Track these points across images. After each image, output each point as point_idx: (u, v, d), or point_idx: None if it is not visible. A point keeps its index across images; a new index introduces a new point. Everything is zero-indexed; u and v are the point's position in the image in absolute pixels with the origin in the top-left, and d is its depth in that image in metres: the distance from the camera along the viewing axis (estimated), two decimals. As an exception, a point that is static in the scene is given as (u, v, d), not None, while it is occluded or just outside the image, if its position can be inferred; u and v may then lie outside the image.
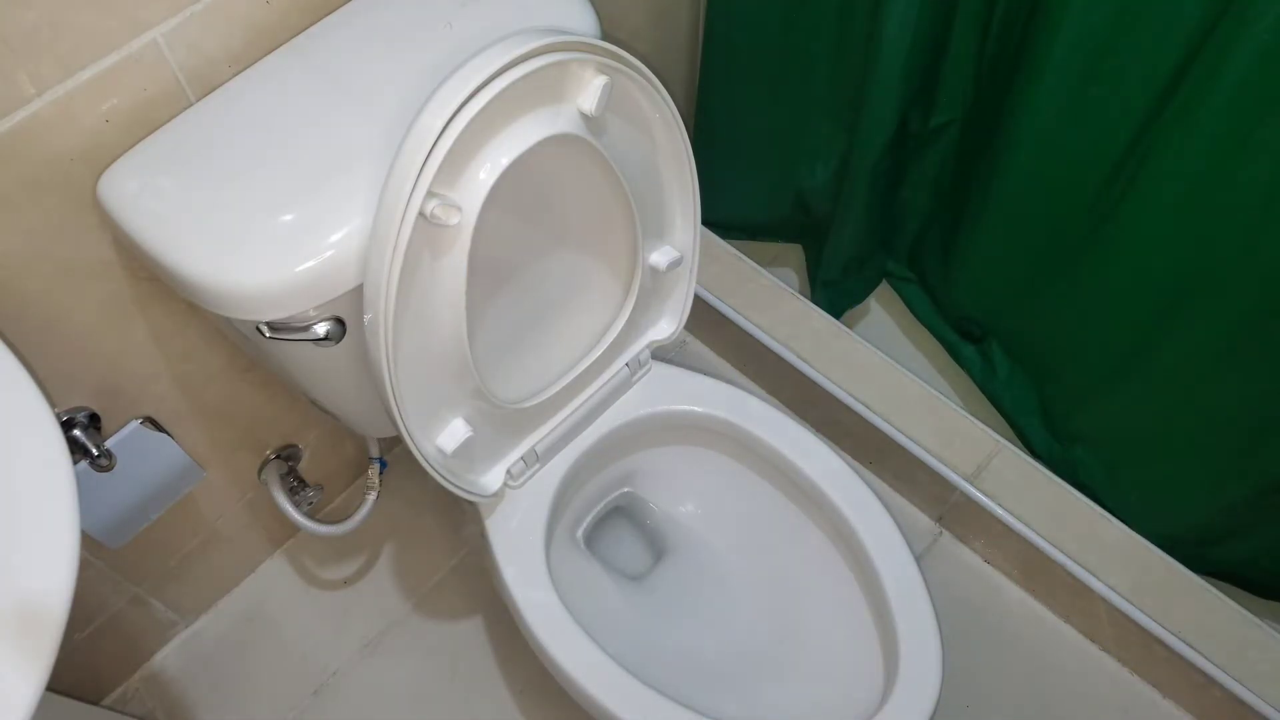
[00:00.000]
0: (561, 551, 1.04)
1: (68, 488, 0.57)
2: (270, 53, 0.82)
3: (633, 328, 0.99)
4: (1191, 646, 1.10)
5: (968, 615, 1.26)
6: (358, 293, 0.73)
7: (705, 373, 1.07)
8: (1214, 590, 1.13)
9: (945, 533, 1.33)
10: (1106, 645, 1.23)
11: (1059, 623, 1.25)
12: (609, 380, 1.02)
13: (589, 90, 0.74)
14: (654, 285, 1.00)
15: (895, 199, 1.32)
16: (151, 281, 0.88)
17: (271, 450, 1.18)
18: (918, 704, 0.86)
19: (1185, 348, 1.05)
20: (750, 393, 1.05)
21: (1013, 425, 1.34)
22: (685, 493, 1.11)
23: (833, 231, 1.33)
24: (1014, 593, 1.28)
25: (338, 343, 0.76)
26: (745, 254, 1.41)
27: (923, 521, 1.34)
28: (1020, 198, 1.13)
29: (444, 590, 1.32)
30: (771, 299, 1.37)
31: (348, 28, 0.83)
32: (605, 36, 0.80)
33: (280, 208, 0.72)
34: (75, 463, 0.89)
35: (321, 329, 0.75)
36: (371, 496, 1.20)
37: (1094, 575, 1.15)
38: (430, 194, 0.67)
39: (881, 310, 1.55)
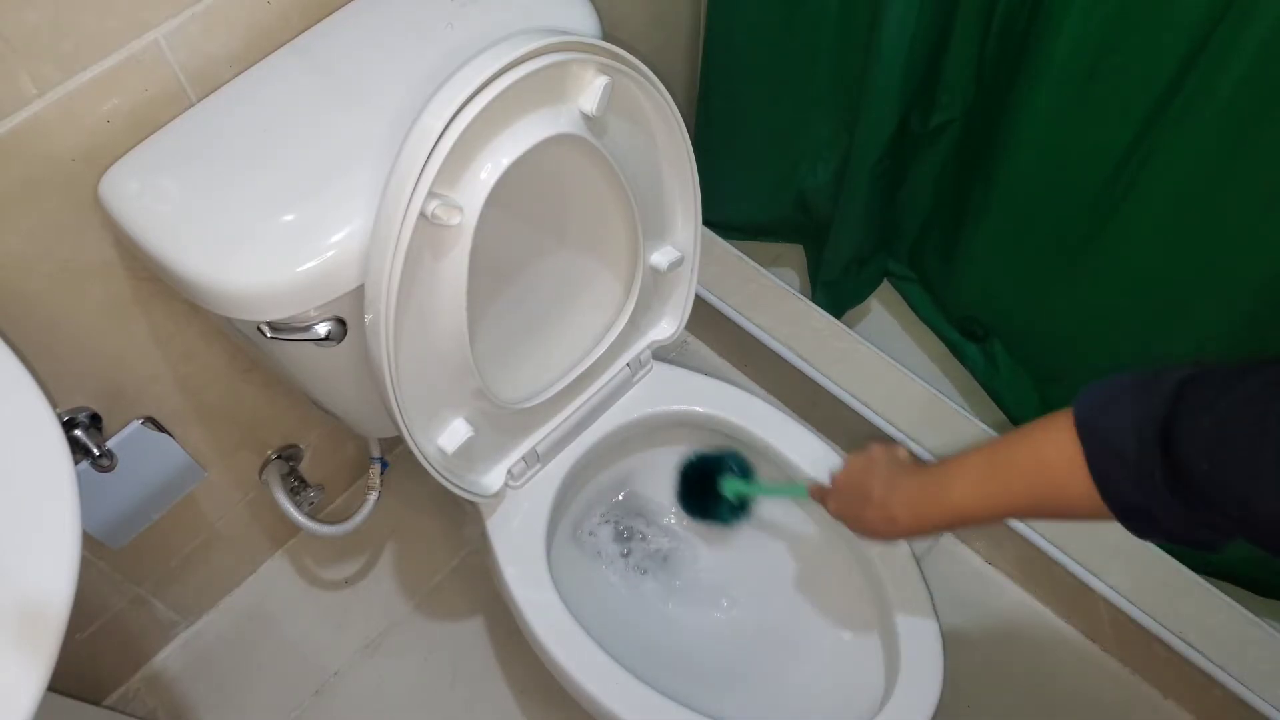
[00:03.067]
0: (563, 552, 1.04)
1: (69, 488, 0.57)
2: (271, 53, 0.82)
3: (634, 328, 0.99)
4: (1192, 646, 1.10)
5: (969, 615, 1.26)
6: (359, 293, 0.73)
7: (706, 373, 1.07)
8: (1215, 590, 1.12)
9: (946, 532, 1.33)
10: (1107, 645, 1.23)
11: (1060, 623, 1.25)
12: (610, 380, 1.02)
13: (590, 90, 0.74)
14: (655, 285, 1.00)
15: (896, 199, 1.32)
16: (153, 282, 0.88)
17: (273, 450, 1.18)
18: (919, 704, 0.86)
19: (1188, 347, 1.05)
20: (751, 393, 1.05)
21: (1015, 424, 1.34)
22: (686, 493, 1.11)
23: (833, 231, 1.33)
24: (1015, 593, 1.28)
25: (339, 343, 0.76)
26: (746, 254, 1.41)
27: (924, 521, 1.34)
28: (1022, 197, 1.13)
29: (445, 590, 1.32)
30: (772, 299, 1.37)
31: (348, 28, 0.83)
32: (606, 37, 0.80)
33: (281, 208, 0.72)
34: (76, 463, 0.89)
35: (323, 329, 0.75)
36: (372, 497, 1.20)
37: (1095, 575, 1.15)
38: (431, 194, 0.67)
39: (883, 310, 1.55)
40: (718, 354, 1.49)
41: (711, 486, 1.00)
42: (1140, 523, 0.57)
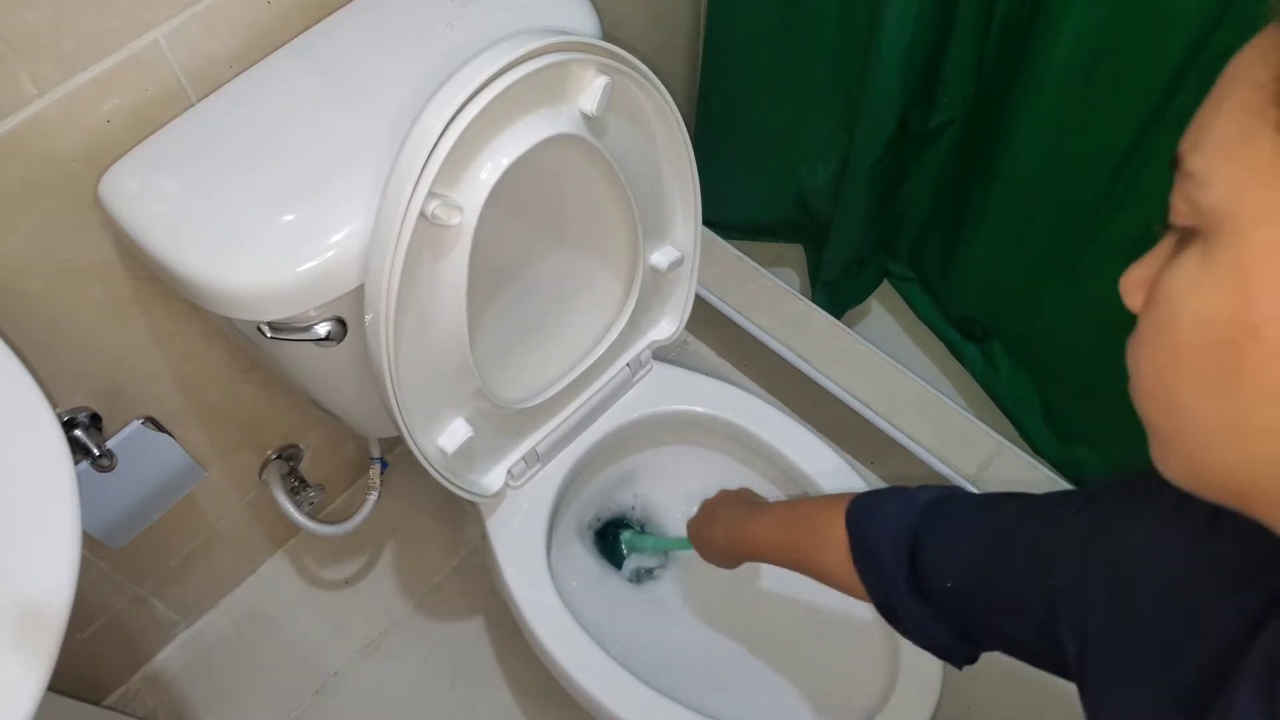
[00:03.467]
0: (563, 552, 1.04)
1: (69, 488, 0.57)
2: (271, 53, 0.82)
3: (634, 328, 0.99)
4: (1193, 646, 1.09)
5: (969, 615, 1.26)
6: (359, 293, 0.73)
7: (706, 373, 1.07)
8: (1215, 590, 1.12)
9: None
10: (1108, 645, 1.22)
11: (1060, 623, 1.25)
12: (610, 380, 1.02)
13: (590, 90, 0.74)
14: (655, 285, 1.00)
15: (896, 199, 1.32)
16: (153, 282, 0.88)
17: (273, 450, 1.18)
18: (919, 704, 0.86)
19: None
20: (751, 393, 1.05)
21: (1015, 424, 1.34)
22: (686, 492, 1.11)
23: (833, 231, 1.33)
24: (1015, 593, 1.28)
25: (339, 343, 0.76)
26: (746, 254, 1.41)
27: (924, 521, 1.34)
28: (1022, 197, 1.13)
29: (445, 590, 1.32)
30: (772, 299, 1.37)
31: (348, 28, 0.83)
32: (606, 37, 0.80)
33: (281, 208, 0.72)
34: (76, 463, 0.89)
35: (323, 329, 0.75)
36: (372, 497, 1.20)
37: (1095, 575, 1.15)
38: (431, 194, 0.67)
39: (883, 310, 1.55)
40: (718, 354, 1.49)
41: (615, 540, 1.09)
42: (891, 620, 0.64)
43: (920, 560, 0.60)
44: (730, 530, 0.84)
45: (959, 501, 0.62)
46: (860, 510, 0.67)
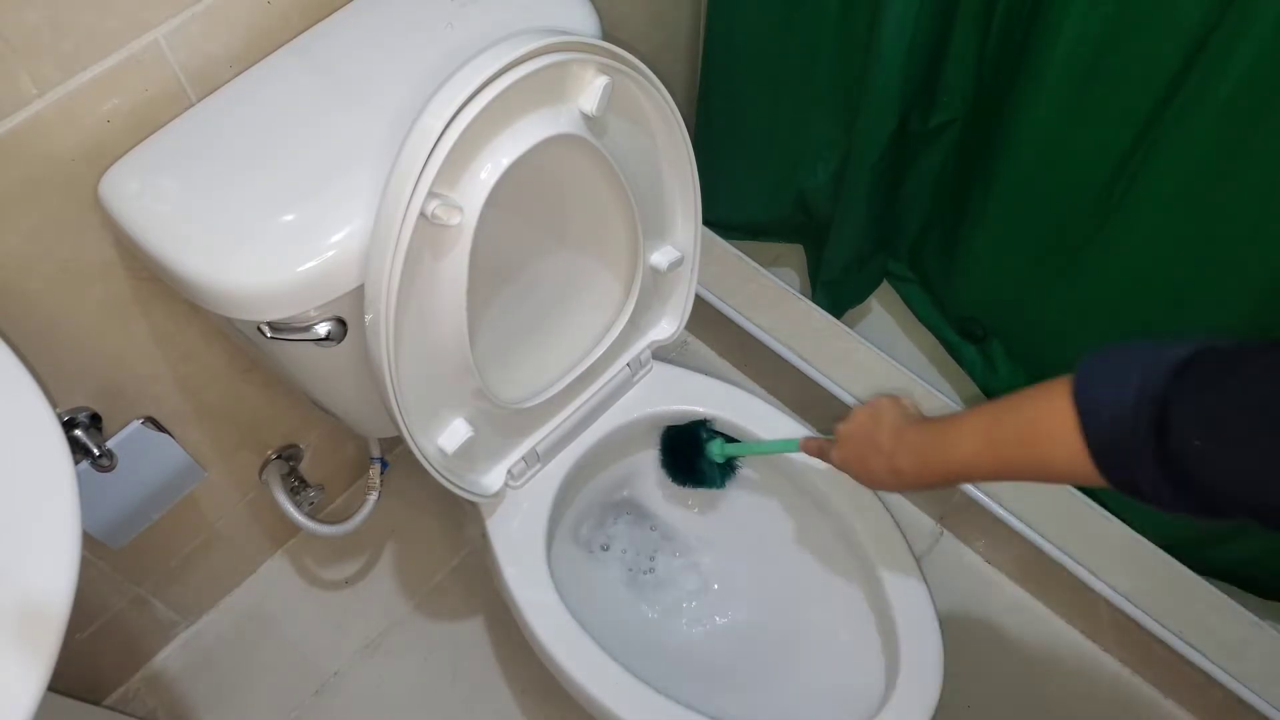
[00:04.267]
0: (563, 552, 1.04)
1: (69, 488, 0.57)
2: (271, 53, 0.82)
3: (634, 328, 0.99)
4: (1192, 646, 1.10)
5: (969, 615, 1.26)
6: (359, 293, 0.73)
7: (706, 373, 1.07)
8: (1215, 590, 1.13)
9: (946, 533, 1.33)
10: (1108, 645, 1.23)
11: (1060, 623, 1.25)
12: (610, 380, 1.02)
13: (590, 90, 0.74)
14: (655, 285, 1.00)
15: (896, 199, 1.32)
16: (153, 282, 0.88)
17: (273, 450, 1.18)
18: (919, 704, 0.86)
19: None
20: (751, 393, 1.05)
21: (1014, 425, 1.34)
22: (686, 493, 1.11)
23: (833, 231, 1.33)
24: (1015, 593, 1.28)
25: (339, 343, 0.76)
26: (746, 254, 1.41)
27: (924, 521, 1.34)
28: (1021, 197, 1.13)
29: (445, 590, 1.32)
30: (772, 299, 1.37)
31: (348, 28, 0.83)
32: (606, 37, 0.80)
33: (281, 208, 0.72)
34: (76, 463, 0.89)
35: (323, 329, 0.75)
36: (372, 497, 1.20)
37: (1095, 575, 1.15)
38: (431, 194, 0.67)
39: (882, 310, 1.55)
40: (718, 354, 1.49)
41: (697, 452, 1.02)
42: (1133, 495, 0.56)
43: (1170, 425, 0.51)
44: (917, 459, 0.74)
45: (1223, 350, 0.53)
46: (1089, 380, 0.58)
